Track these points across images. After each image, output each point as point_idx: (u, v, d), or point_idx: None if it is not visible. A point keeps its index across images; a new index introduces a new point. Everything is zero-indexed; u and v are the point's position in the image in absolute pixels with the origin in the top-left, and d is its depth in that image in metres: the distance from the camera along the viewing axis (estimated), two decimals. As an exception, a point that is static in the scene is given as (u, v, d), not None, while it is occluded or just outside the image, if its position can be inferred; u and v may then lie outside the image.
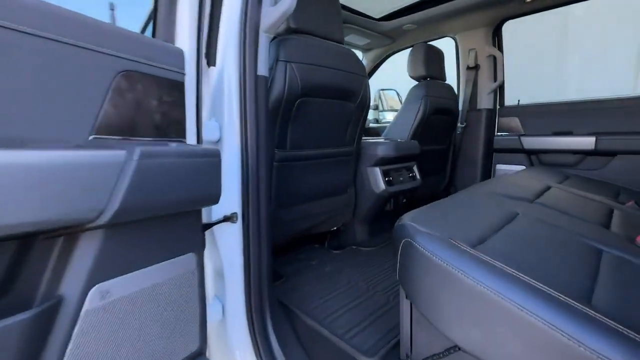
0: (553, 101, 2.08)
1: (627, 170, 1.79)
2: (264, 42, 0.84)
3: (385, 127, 3.16)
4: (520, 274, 0.56)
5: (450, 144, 2.40)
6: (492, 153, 2.33)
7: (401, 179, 1.74)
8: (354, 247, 1.69)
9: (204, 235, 0.74)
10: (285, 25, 1.17)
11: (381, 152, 1.59)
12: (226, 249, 0.87)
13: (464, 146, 2.41)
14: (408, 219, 0.81)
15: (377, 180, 1.61)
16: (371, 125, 3.29)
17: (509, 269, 0.58)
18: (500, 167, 2.29)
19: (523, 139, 2.13)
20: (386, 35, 2.46)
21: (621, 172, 1.81)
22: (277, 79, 1.09)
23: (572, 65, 5.30)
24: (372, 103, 3.19)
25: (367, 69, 2.98)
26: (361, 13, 2.15)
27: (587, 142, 1.88)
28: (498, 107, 2.32)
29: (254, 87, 0.82)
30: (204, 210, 0.84)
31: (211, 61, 0.79)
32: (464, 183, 2.44)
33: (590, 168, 1.93)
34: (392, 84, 3.58)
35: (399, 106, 3.28)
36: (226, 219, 0.85)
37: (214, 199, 0.63)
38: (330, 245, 1.70)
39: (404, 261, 0.74)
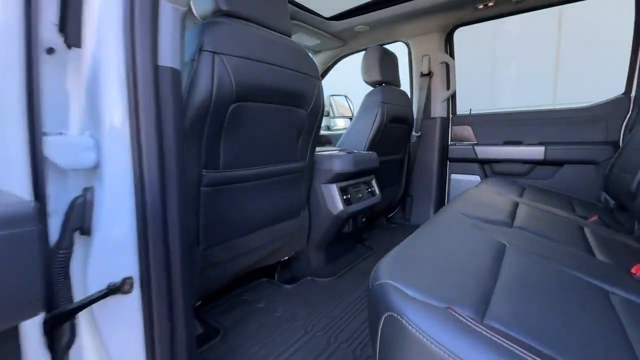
0: (503, 111, 2.08)
1: (574, 179, 1.82)
2: (170, 17, 0.55)
3: (337, 134, 3.00)
4: None
5: (405, 153, 2.30)
6: (446, 162, 2.27)
7: (360, 195, 1.55)
8: (309, 278, 1.44)
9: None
10: (213, 4, 0.88)
11: (338, 166, 1.37)
12: (115, 338, 0.55)
13: (419, 155, 2.32)
14: (385, 273, 0.58)
15: (334, 199, 1.39)
16: (322, 132, 3.09)
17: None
18: (455, 177, 2.24)
19: (477, 148, 2.09)
20: (337, 36, 2.27)
21: (568, 181, 1.84)
22: (200, 75, 0.80)
23: (501, 78, 5.74)
24: (323, 109, 3.00)
25: (317, 73, 2.77)
26: (310, 10, 1.93)
27: (537, 152, 1.89)
28: (451, 115, 2.27)
29: (152, 83, 0.53)
30: (77, 278, 0.52)
31: (72, 39, 0.48)
32: (420, 193, 2.35)
33: (540, 177, 1.94)
34: (343, 89, 3.44)
35: (348, 113, 3.14)
36: (113, 289, 0.54)
37: (28, 310, 0.33)
38: (281, 278, 1.43)
39: (387, 343, 0.51)
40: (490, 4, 1.75)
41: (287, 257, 1.42)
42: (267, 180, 1.11)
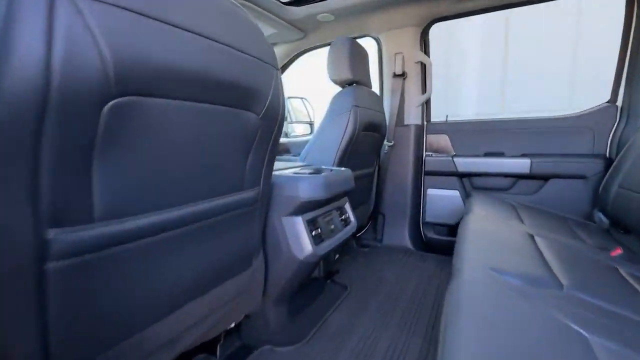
0: (483, 119, 1.87)
1: (561, 194, 1.65)
2: None
3: (296, 142, 2.61)
4: None
5: (376, 165, 1.99)
6: (422, 175, 2.01)
7: (332, 227, 1.17)
8: (268, 347, 1.03)
9: None
10: None
11: (306, 193, 0.99)
12: None
13: (392, 168, 2.02)
14: None
15: (300, 238, 1.00)
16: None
17: None
18: (432, 192, 1.98)
19: (456, 160, 1.85)
20: (296, 25, 1.90)
21: (554, 197, 1.67)
22: (18, 31, 0.36)
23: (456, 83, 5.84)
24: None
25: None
26: (263, -12, 1.54)
27: (522, 165, 1.69)
28: (425, 122, 2.01)
29: None
30: None
31: None
32: (393, 211, 2.06)
33: (525, 192, 1.76)
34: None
35: (306, 118, 2.78)
36: None
37: None
38: (227, 352, 1.00)
39: None
40: (475, -5, 1.51)
41: (234, 324, 0.99)
42: (196, 226, 0.68)
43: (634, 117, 1.45)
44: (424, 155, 1.99)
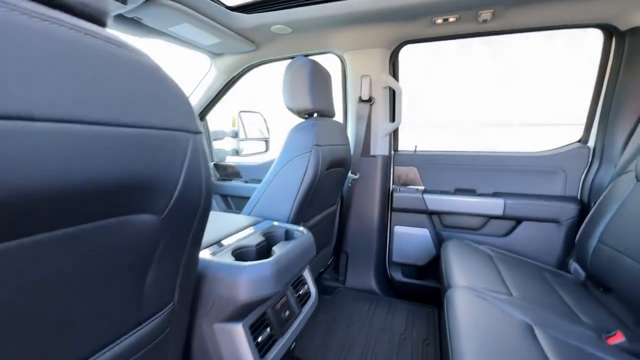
0: (454, 151, 1.72)
1: (533, 238, 1.55)
2: None
3: (248, 166, 2.29)
4: None
5: (339, 201, 1.75)
6: (389, 211, 1.82)
7: (287, 313, 0.90)
8: None
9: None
10: None
11: (246, 292, 0.69)
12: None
13: (356, 202, 1.80)
14: None
15: (240, 354, 0.71)
16: (228, 159, 2.35)
17: None
18: (400, 230, 1.80)
19: (426, 197, 1.68)
20: (245, 36, 1.58)
21: (527, 240, 1.56)
22: None
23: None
24: (230, 128, 2.27)
25: (219, 82, 2.02)
26: (201, -10, 1.21)
27: (495, 205, 1.56)
28: (392, 152, 1.82)
29: None
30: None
31: None
32: (357, 249, 1.84)
33: (496, 234, 1.63)
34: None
35: (260, 134, 2.48)
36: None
37: None
38: None
39: None
40: (452, 19, 1.33)
41: None
42: None
43: (608, 161, 1.38)
44: (391, 189, 1.79)
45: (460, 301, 0.97)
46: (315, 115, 1.28)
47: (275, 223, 1.07)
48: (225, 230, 0.96)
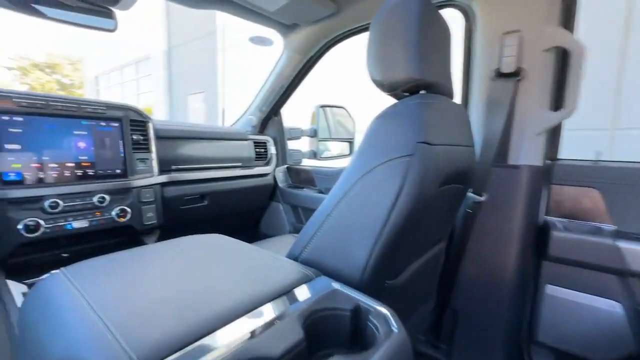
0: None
1: None
2: None
3: (322, 171, 1.84)
4: None
5: (448, 238, 1.12)
6: (538, 258, 1.10)
7: None
8: None
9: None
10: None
11: None
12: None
13: (477, 238, 1.14)
14: None
15: None
16: (304, 163, 1.95)
17: None
18: (557, 294, 1.06)
19: (622, 244, 0.92)
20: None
21: None
22: None
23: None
24: (308, 126, 1.88)
25: (293, 65, 1.62)
26: None
27: None
28: (551, 161, 1.10)
29: None
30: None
31: None
32: (473, 309, 1.18)
33: None
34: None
35: (346, 134, 2.02)
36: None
37: None
38: None
39: None
40: None
41: None
42: None
43: None
44: (545, 222, 1.07)
45: None
46: (422, 92, 0.72)
47: (337, 286, 0.57)
48: (238, 294, 0.50)
